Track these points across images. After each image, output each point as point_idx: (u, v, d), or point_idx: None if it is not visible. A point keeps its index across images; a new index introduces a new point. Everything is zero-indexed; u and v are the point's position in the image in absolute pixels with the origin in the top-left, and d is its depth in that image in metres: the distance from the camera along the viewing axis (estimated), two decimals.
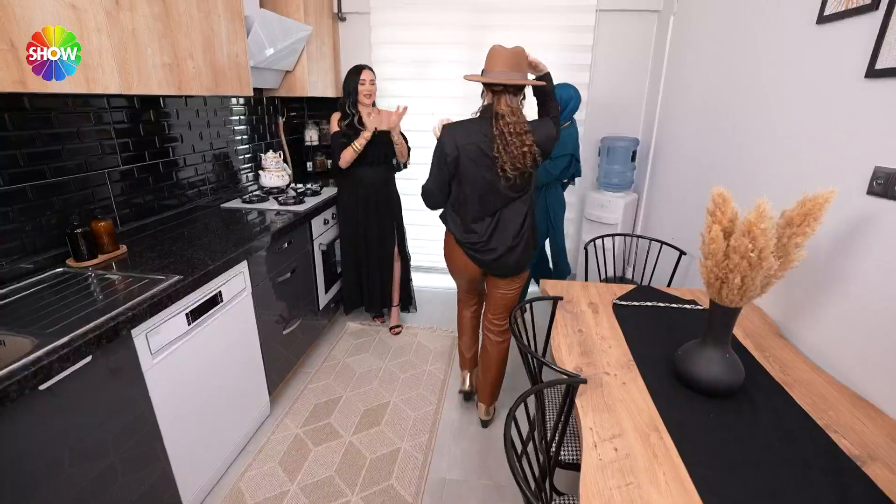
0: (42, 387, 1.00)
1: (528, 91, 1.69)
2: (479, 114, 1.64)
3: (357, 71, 2.36)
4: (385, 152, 2.43)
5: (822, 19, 1.36)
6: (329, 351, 2.52)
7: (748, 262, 0.97)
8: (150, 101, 1.95)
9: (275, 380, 2.06)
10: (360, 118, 2.39)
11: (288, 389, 2.21)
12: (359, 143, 2.31)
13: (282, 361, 2.13)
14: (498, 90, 1.55)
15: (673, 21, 2.55)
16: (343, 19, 3.02)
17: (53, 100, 1.53)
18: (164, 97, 2.02)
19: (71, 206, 1.61)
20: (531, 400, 1.14)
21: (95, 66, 1.33)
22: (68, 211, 1.60)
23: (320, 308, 2.53)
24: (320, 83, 2.85)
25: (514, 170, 1.56)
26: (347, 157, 2.35)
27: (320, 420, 2.00)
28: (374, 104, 2.45)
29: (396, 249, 2.63)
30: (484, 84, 1.59)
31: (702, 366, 1.12)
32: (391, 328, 2.74)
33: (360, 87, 2.35)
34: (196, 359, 1.52)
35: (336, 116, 2.43)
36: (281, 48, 2.34)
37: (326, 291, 2.61)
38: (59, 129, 1.56)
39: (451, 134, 1.62)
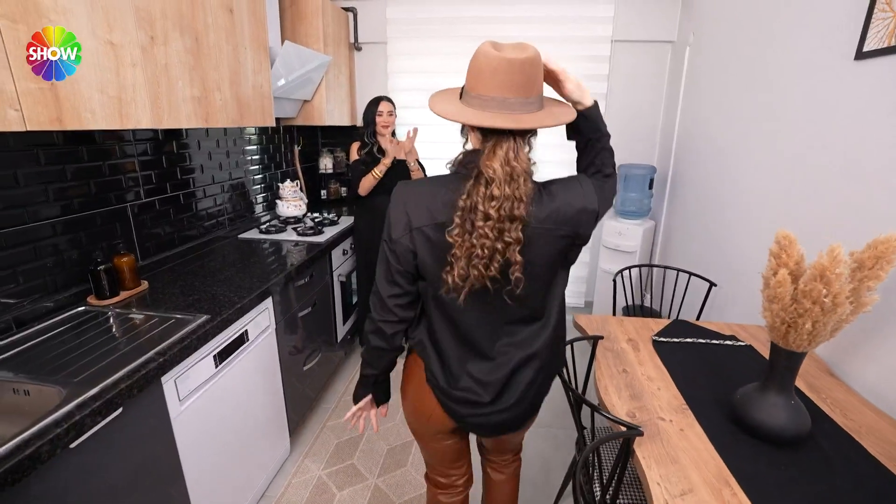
0: (73, 444, 0.94)
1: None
2: (455, 166, 0.94)
3: (376, 102, 2.38)
4: (403, 181, 2.41)
5: (861, 55, 1.36)
6: (346, 385, 2.44)
7: (821, 308, 0.93)
8: (173, 132, 1.92)
9: (294, 418, 1.98)
10: (380, 147, 2.40)
11: (307, 427, 2.12)
12: (378, 171, 2.31)
13: (301, 398, 2.05)
14: (491, 133, 0.87)
15: (689, 52, 2.57)
16: (359, 49, 3.04)
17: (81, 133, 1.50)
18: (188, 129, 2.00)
19: (93, 241, 1.56)
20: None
21: (129, 101, 1.30)
22: (90, 246, 1.55)
23: (338, 341, 2.47)
24: (337, 112, 2.85)
25: (461, 277, 0.88)
26: (367, 184, 2.34)
27: (343, 461, 1.91)
28: (393, 134, 2.45)
29: None
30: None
31: (765, 412, 1.07)
32: None
33: (378, 119, 2.37)
34: (221, 401, 1.45)
35: (356, 146, 2.43)
36: (294, 77, 2.33)
37: (344, 323, 2.54)
38: (87, 163, 1.52)
39: (400, 202, 0.95)
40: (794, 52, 1.68)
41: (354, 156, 2.41)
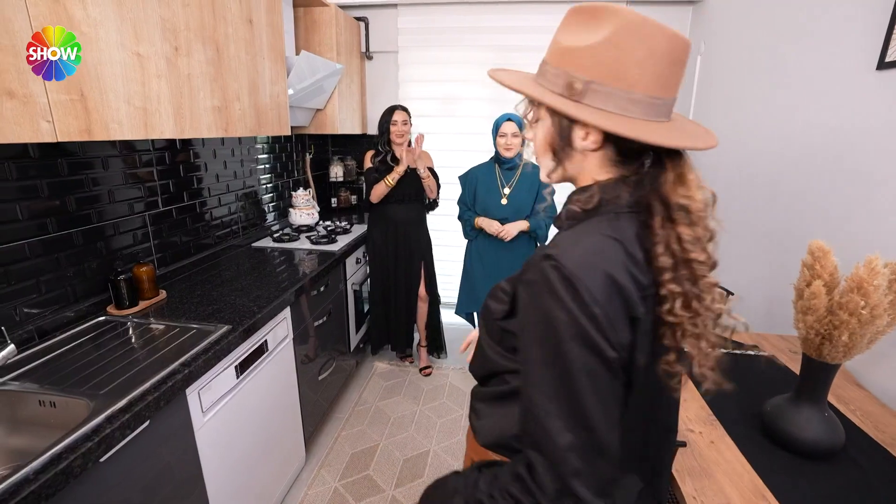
0: (103, 458, 0.93)
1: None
2: (595, 206, 0.64)
3: (390, 111, 2.41)
4: (416, 189, 2.44)
5: (883, 65, 1.36)
6: (359, 394, 2.43)
7: (858, 320, 0.92)
8: (189, 141, 1.93)
9: (309, 428, 1.96)
10: (393, 155, 2.42)
11: (321, 438, 2.10)
12: (391, 178, 2.33)
13: (315, 408, 2.04)
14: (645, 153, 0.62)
15: (700, 61, 2.58)
16: (370, 58, 3.06)
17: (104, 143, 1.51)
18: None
19: (112, 251, 1.56)
20: None
21: (154, 112, 1.31)
22: (109, 256, 1.54)
23: (351, 350, 2.45)
24: (349, 121, 2.86)
25: (705, 360, 0.64)
26: (379, 191, 2.37)
27: (359, 472, 1.90)
28: (409, 143, 2.47)
29: (424, 290, 2.60)
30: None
31: (798, 425, 1.06)
32: (421, 369, 2.67)
33: (392, 128, 2.39)
34: (241, 412, 1.44)
35: (369, 154, 2.47)
36: (304, 87, 2.30)
37: (356, 332, 2.53)
38: (107, 172, 1.53)
39: (601, 277, 0.56)
40: (812, 62, 1.69)
41: (368, 164, 2.44)
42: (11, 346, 1.11)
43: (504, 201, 2.20)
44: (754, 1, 2.11)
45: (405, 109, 2.44)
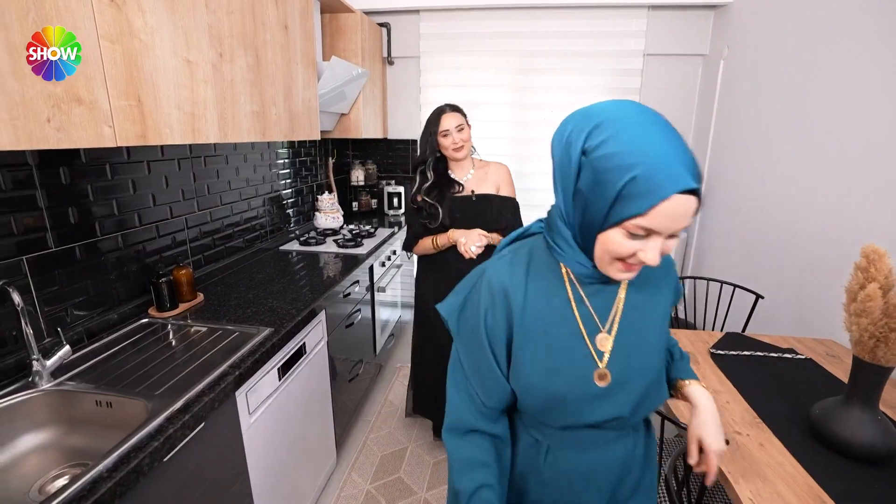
0: (166, 458, 0.94)
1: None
2: None
3: (436, 118, 1.72)
4: (481, 219, 1.71)
5: None
6: (385, 397, 2.43)
7: None
8: (220, 144, 1.95)
9: (339, 431, 1.97)
10: (450, 178, 1.78)
11: (350, 440, 2.11)
12: (440, 241, 1.73)
13: (344, 411, 2.05)
14: None
15: (723, 65, 2.59)
16: (392, 63, 3.08)
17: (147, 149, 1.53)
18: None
19: (151, 254, 1.58)
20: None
21: (200, 117, 1.33)
22: (147, 258, 1.56)
23: (376, 352, 2.46)
24: (371, 125, 2.89)
25: None
26: (422, 248, 1.79)
27: (389, 474, 1.90)
28: (473, 151, 1.84)
29: None
30: None
31: (851, 428, 1.06)
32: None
33: (443, 140, 1.70)
34: (281, 414, 1.45)
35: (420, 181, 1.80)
36: (326, 91, 2.28)
37: (382, 334, 2.54)
38: (148, 175, 1.55)
39: None
40: (844, 64, 1.69)
41: (418, 197, 1.77)
42: (67, 347, 1.13)
43: (602, 381, 0.72)
44: (782, 2, 2.12)
45: (457, 109, 1.76)
